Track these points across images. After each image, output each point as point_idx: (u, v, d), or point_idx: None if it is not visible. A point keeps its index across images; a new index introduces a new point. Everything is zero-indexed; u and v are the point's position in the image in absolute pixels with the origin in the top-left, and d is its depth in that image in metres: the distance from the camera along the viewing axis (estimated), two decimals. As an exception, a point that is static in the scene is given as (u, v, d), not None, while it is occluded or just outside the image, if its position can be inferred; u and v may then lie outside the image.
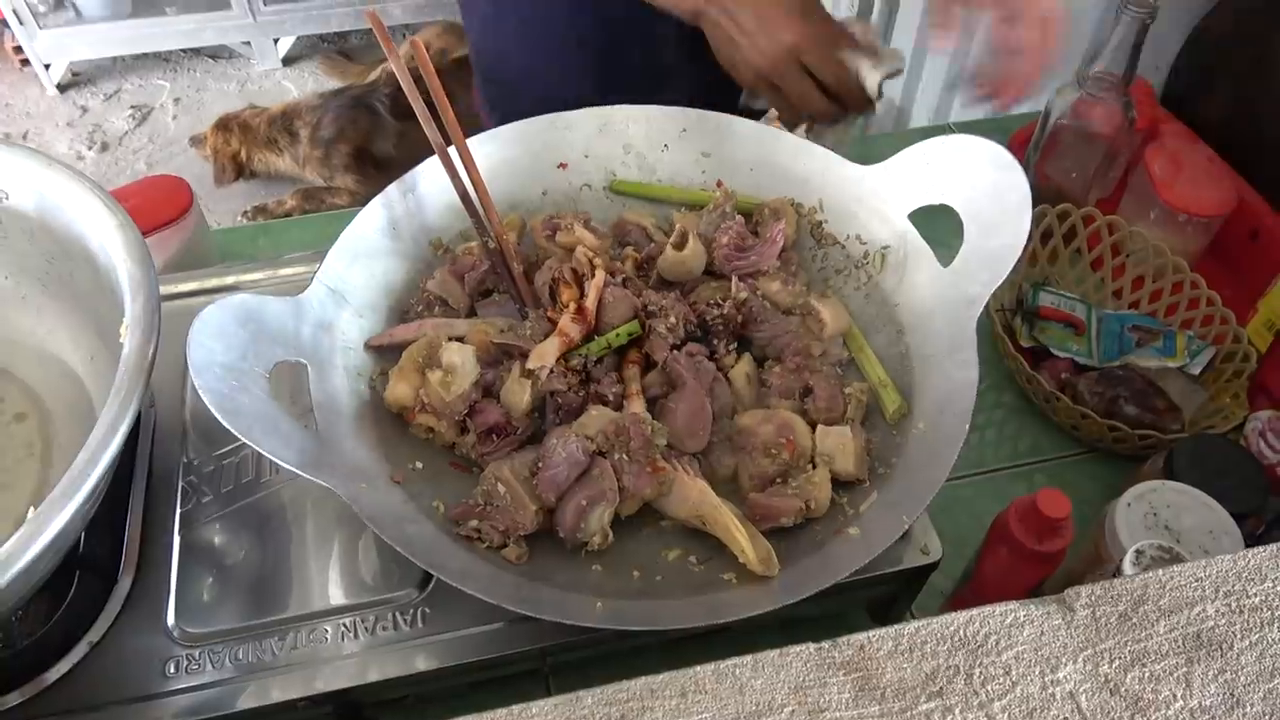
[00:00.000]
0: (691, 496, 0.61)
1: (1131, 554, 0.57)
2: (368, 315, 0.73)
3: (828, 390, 0.68)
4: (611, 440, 0.63)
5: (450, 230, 0.80)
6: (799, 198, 0.81)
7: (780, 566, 0.60)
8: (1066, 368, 0.95)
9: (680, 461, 0.63)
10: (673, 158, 0.84)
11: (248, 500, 0.71)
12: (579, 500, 0.61)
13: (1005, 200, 0.67)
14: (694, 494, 0.61)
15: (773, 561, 0.58)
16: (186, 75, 3.05)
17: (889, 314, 0.75)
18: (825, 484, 0.63)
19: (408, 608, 0.64)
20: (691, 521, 0.62)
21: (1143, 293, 1.02)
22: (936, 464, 0.61)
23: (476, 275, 0.74)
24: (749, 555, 0.57)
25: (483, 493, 0.63)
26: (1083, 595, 0.41)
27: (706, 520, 0.60)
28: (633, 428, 0.63)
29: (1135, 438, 0.86)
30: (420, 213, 0.78)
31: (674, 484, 0.62)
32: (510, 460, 0.65)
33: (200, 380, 0.57)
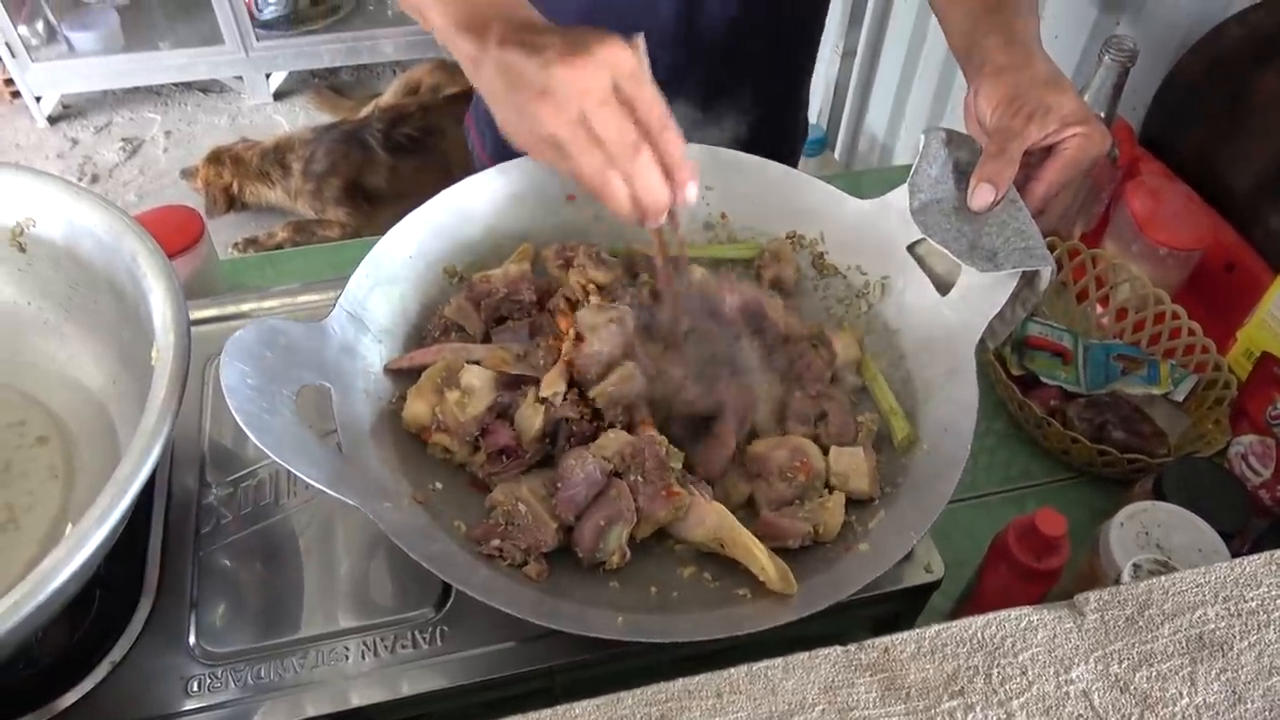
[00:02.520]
0: (709, 519, 0.63)
1: (1129, 568, 0.60)
2: (386, 340, 0.75)
3: (841, 416, 0.70)
4: (628, 461, 0.65)
5: (464, 258, 0.82)
6: (801, 229, 0.84)
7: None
8: (1055, 395, 0.98)
9: (696, 486, 0.65)
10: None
11: (266, 523, 0.72)
12: (597, 520, 0.62)
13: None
14: (711, 517, 0.63)
15: (791, 580, 0.60)
16: (178, 109, 3.07)
17: (890, 340, 0.78)
18: (838, 510, 0.65)
19: (425, 626, 0.65)
20: (709, 545, 0.63)
21: (1127, 323, 1.05)
22: (941, 483, 0.64)
23: (492, 302, 0.76)
24: (770, 573, 0.59)
25: (504, 513, 0.64)
26: (1091, 600, 0.43)
27: (725, 542, 0.62)
28: (648, 449, 0.65)
29: (1124, 461, 0.88)
30: (436, 241, 0.80)
31: (690, 508, 0.63)
32: (525, 481, 0.67)
33: (234, 401, 0.58)
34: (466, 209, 0.82)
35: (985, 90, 0.72)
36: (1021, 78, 0.71)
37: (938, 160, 0.74)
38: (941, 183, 0.74)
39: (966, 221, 0.72)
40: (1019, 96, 0.70)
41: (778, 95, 1.10)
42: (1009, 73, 0.71)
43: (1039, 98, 0.69)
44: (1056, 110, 0.69)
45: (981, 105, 0.72)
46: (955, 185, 0.74)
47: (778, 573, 0.59)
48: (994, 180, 0.70)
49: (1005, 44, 0.73)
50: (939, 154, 0.74)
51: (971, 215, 0.71)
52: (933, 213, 0.74)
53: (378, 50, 3.00)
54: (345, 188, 2.41)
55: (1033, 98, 0.70)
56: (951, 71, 1.95)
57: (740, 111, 1.03)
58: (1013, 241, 0.69)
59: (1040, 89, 0.70)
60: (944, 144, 0.74)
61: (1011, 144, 0.69)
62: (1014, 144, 0.69)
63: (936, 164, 0.74)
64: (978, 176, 0.70)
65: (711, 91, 1.01)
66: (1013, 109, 0.70)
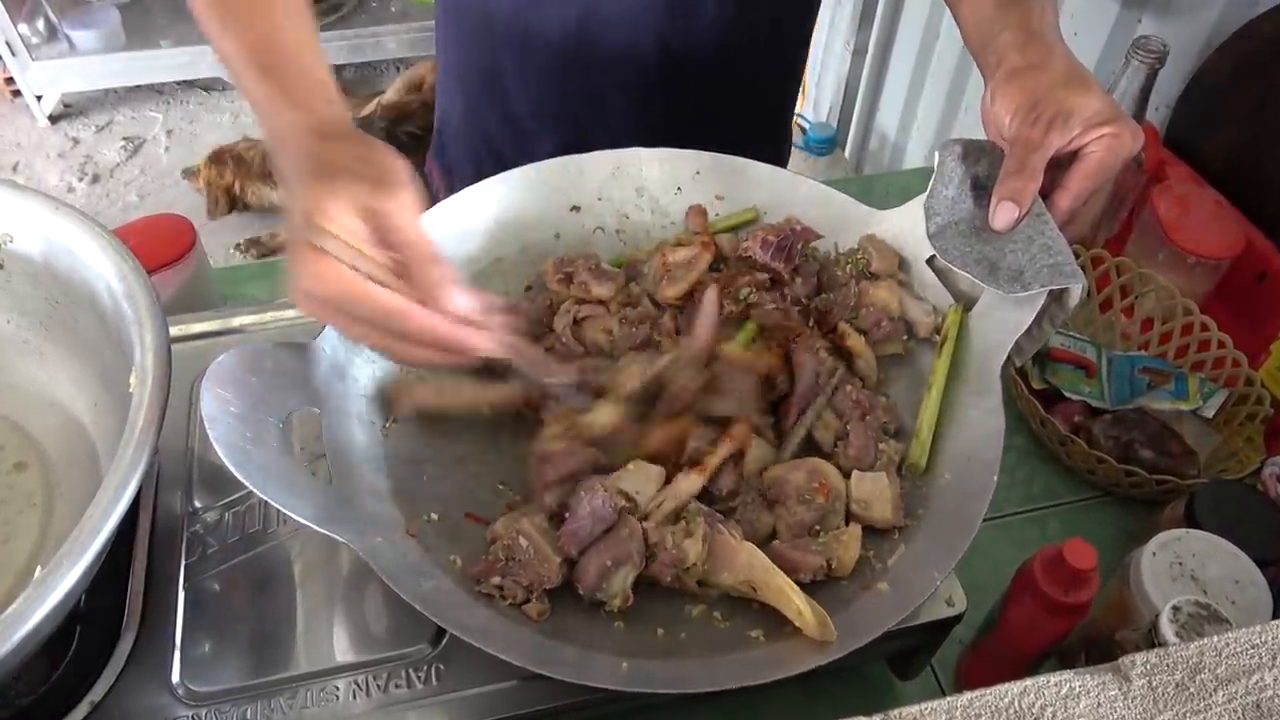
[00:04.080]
0: (739, 561, 0.59)
1: (1168, 611, 0.56)
2: (380, 362, 0.71)
3: (862, 440, 0.67)
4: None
5: (464, 273, 0.79)
6: (815, 243, 0.80)
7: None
8: (1079, 410, 0.95)
9: (726, 525, 0.61)
10: (686, 200, 0.83)
11: (255, 551, 0.69)
12: (603, 560, 0.59)
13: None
14: (741, 557, 0.59)
15: (830, 626, 0.55)
16: (179, 107, 3.05)
17: (903, 365, 0.74)
18: (854, 544, 0.61)
19: (420, 664, 0.62)
20: (740, 589, 0.59)
21: (1152, 334, 1.02)
22: (965, 517, 0.60)
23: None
24: (807, 619, 0.55)
25: (504, 548, 0.61)
26: (1138, 664, 0.40)
27: (757, 585, 0.58)
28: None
29: (1153, 482, 0.85)
30: (450, 249, 0.77)
31: (716, 549, 0.60)
32: (527, 513, 0.63)
33: (214, 432, 0.55)
34: (465, 221, 0.79)
35: (1002, 94, 0.67)
36: (1040, 79, 0.66)
37: (953, 179, 0.70)
38: (960, 202, 0.70)
39: (988, 241, 0.68)
40: (1039, 101, 0.65)
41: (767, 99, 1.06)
42: (1027, 74, 0.67)
43: (1060, 101, 0.65)
44: (1079, 112, 0.64)
45: (999, 111, 0.68)
46: (975, 203, 0.70)
47: (816, 619, 0.55)
48: (1016, 198, 0.65)
49: (1022, 41, 0.68)
50: (954, 171, 0.70)
51: (994, 234, 0.67)
52: (951, 235, 0.70)
53: (381, 47, 2.96)
54: None
55: (1053, 101, 0.65)
56: (966, 68, 1.90)
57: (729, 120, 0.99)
58: (1039, 258, 0.65)
59: (1061, 90, 0.65)
60: (959, 159, 0.70)
61: (1033, 156, 0.65)
62: (1035, 156, 0.65)
63: (953, 183, 0.70)
64: (998, 195, 0.66)
65: (698, 104, 0.97)
66: (1032, 116, 0.65)
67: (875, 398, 0.69)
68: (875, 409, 0.68)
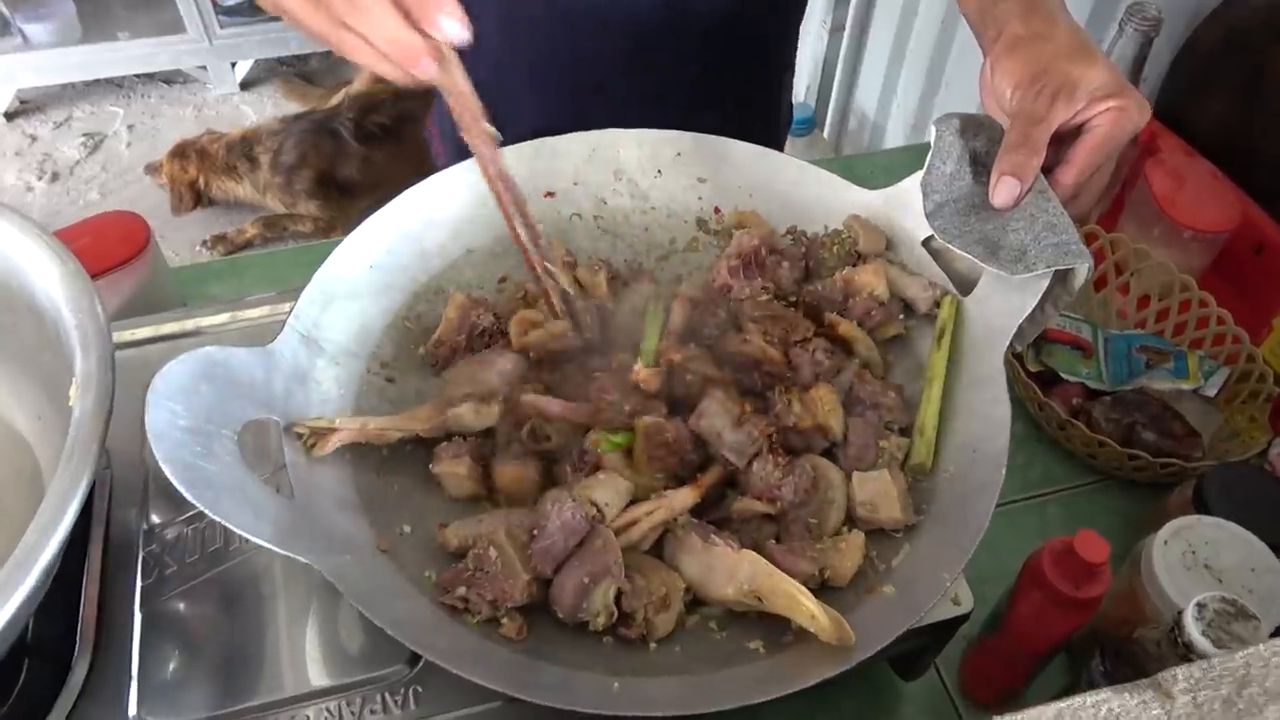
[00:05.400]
0: (740, 571, 0.55)
1: (1193, 609, 0.53)
2: (347, 363, 0.68)
3: (863, 438, 0.63)
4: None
5: (433, 266, 0.75)
6: (802, 224, 0.77)
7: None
8: (1078, 393, 0.92)
9: (721, 536, 0.57)
10: (666, 184, 0.80)
11: (217, 570, 0.64)
12: (579, 577, 0.55)
13: (1030, 224, 0.63)
14: (743, 567, 0.55)
15: (847, 628, 0.51)
16: (140, 101, 2.96)
17: (906, 348, 0.71)
18: (854, 553, 0.58)
19: (397, 687, 0.58)
20: (745, 602, 0.55)
21: (1149, 312, 0.99)
22: (972, 513, 0.57)
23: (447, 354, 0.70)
24: (821, 623, 0.51)
25: (474, 557, 0.57)
26: (1180, 679, 0.36)
27: (763, 594, 0.54)
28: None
29: (1157, 466, 0.82)
30: (402, 248, 0.73)
31: (715, 563, 0.56)
32: (510, 518, 0.60)
33: (160, 449, 0.51)
34: (433, 211, 0.75)
35: (1003, 66, 0.64)
36: (1044, 50, 0.63)
37: (951, 154, 0.66)
38: (958, 179, 0.67)
39: (989, 220, 0.64)
40: (1042, 73, 0.62)
41: (763, 77, 1.02)
42: (1029, 45, 0.63)
43: (1064, 72, 0.61)
44: (1085, 84, 0.61)
45: (1000, 83, 0.64)
46: (974, 180, 0.67)
47: (831, 622, 0.51)
48: (1018, 173, 0.62)
49: (1024, 10, 0.65)
50: (952, 146, 0.66)
51: (994, 212, 0.64)
52: (950, 214, 0.66)
53: (347, 36, 2.88)
54: (316, 180, 2.32)
55: (1057, 73, 0.61)
56: (945, 44, 1.87)
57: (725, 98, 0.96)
58: (1044, 237, 0.61)
59: (1065, 62, 0.62)
60: (957, 133, 0.66)
61: (1035, 130, 0.61)
62: (1038, 130, 0.61)
63: (950, 159, 0.66)
64: (999, 170, 0.62)
65: (696, 78, 0.93)
66: (1035, 88, 0.62)
67: (886, 392, 0.65)
68: (882, 405, 0.64)
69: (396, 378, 0.70)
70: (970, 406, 0.64)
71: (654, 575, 0.56)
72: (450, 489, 0.64)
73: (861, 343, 0.68)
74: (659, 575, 0.56)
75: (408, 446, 0.65)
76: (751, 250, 0.72)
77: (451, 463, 0.63)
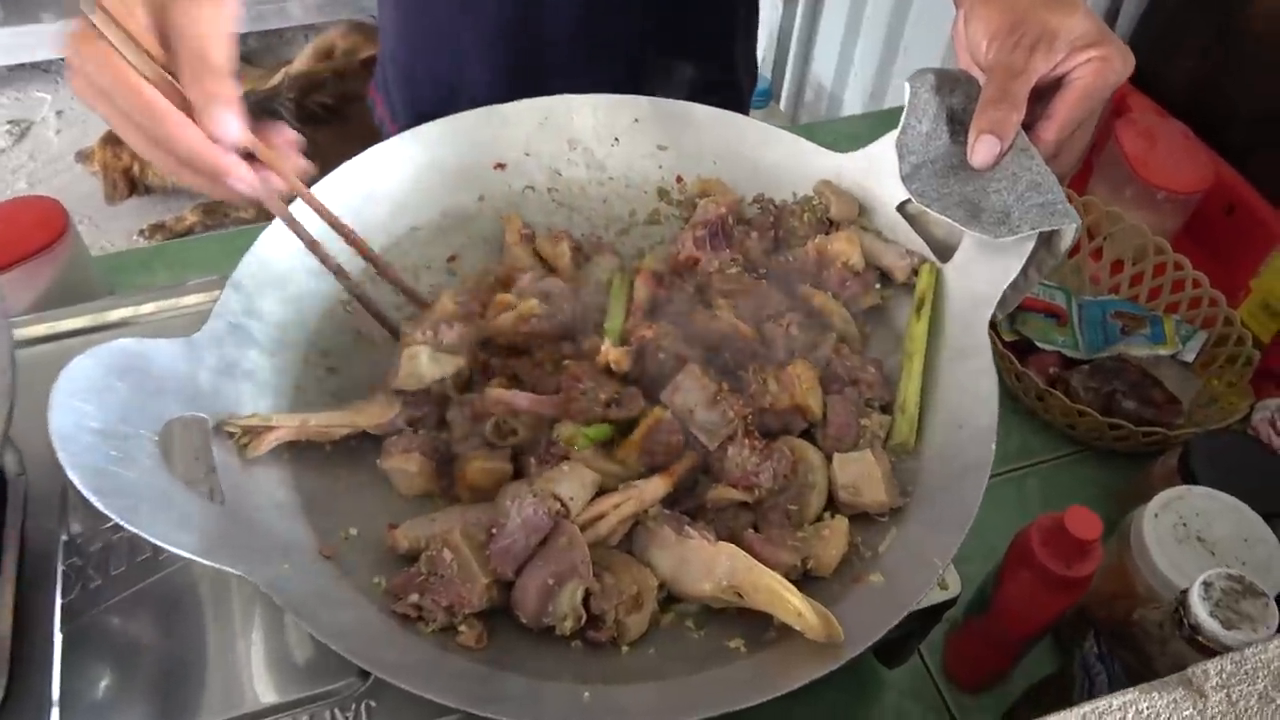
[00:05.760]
0: (718, 566, 0.51)
1: (1199, 589, 0.50)
2: (281, 353, 0.62)
3: (842, 417, 0.59)
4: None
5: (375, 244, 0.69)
6: (769, 192, 0.73)
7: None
8: (1054, 362, 0.90)
9: (696, 527, 0.53)
10: (625, 152, 0.75)
11: (148, 581, 0.59)
12: (543, 578, 0.51)
13: (1010, 185, 0.60)
14: (721, 561, 0.51)
15: (836, 625, 0.48)
16: (69, 85, 2.83)
17: (884, 319, 0.68)
18: (838, 540, 0.54)
19: (348, 702, 0.54)
20: (723, 598, 0.51)
21: (1123, 277, 0.97)
22: (962, 495, 0.54)
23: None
24: (808, 620, 0.48)
25: (426, 560, 0.53)
26: (1211, 675, 0.33)
27: (743, 590, 0.50)
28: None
29: (1139, 435, 0.80)
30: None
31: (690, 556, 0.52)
32: (468, 514, 0.56)
33: (66, 453, 0.45)
34: (373, 184, 0.70)
35: (978, 16, 0.60)
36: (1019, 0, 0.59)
37: (927, 112, 0.63)
38: (934, 139, 0.63)
39: (969, 181, 0.61)
40: (1019, 23, 0.58)
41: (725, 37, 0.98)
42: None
43: (1042, 22, 0.58)
44: (1065, 33, 0.58)
45: (975, 35, 0.61)
46: (951, 139, 0.63)
47: (819, 619, 0.48)
48: (997, 130, 0.58)
49: None
50: (928, 104, 0.63)
51: (974, 173, 0.60)
52: (927, 176, 0.63)
53: (285, 14, 2.78)
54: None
55: (1035, 23, 0.58)
56: (904, 10, 1.83)
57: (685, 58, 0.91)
58: (1028, 197, 0.58)
59: (1043, 10, 0.58)
60: (933, 90, 0.63)
61: (1014, 84, 0.58)
62: (1017, 83, 0.58)
63: (926, 117, 0.63)
64: (977, 127, 0.59)
65: (651, 36, 0.89)
66: (1012, 39, 0.58)
67: (864, 367, 0.62)
68: (861, 381, 0.61)
69: (339, 367, 0.65)
70: (954, 380, 0.61)
71: (624, 572, 0.53)
72: (400, 486, 0.60)
73: (837, 315, 0.65)
74: (630, 572, 0.53)
75: (353, 442, 0.61)
76: (718, 219, 0.68)
77: (401, 458, 0.58)
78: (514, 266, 0.70)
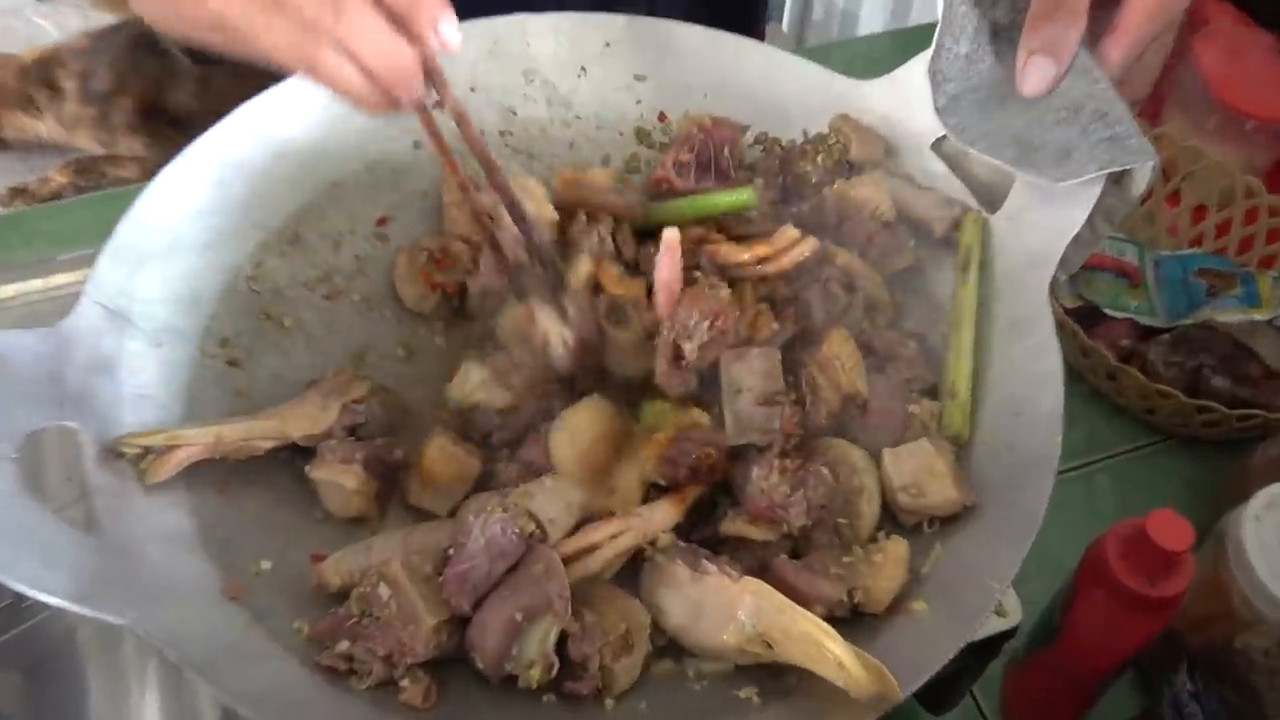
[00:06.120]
0: (741, 609, 0.50)
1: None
2: (169, 343, 0.62)
3: (887, 402, 0.60)
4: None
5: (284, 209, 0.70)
6: (776, 131, 0.74)
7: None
8: (1127, 332, 0.90)
9: (717, 563, 0.52)
10: (594, 85, 0.76)
11: (13, 633, 0.62)
12: (509, 613, 0.50)
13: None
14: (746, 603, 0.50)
15: (889, 678, 0.47)
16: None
17: (920, 284, 0.69)
18: (895, 567, 0.54)
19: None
20: (749, 653, 0.51)
21: (1206, 225, 0.98)
22: (1023, 497, 0.55)
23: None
24: (852, 673, 0.47)
25: (359, 598, 0.53)
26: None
27: (774, 639, 0.50)
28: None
29: (1233, 419, 0.80)
30: (239, 184, 0.68)
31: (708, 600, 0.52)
32: (410, 541, 0.56)
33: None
34: (280, 132, 0.70)
35: None
36: None
37: (966, 30, 0.63)
38: (976, 62, 0.64)
39: (1019, 112, 0.62)
40: None
41: None
42: None
43: None
44: None
45: None
46: (996, 62, 0.64)
47: (868, 672, 0.47)
48: (1052, 50, 0.58)
49: None
50: (967, 19, 0.63)
51: (1025, 102, 0.61)
52: (968, 107, 0.64)
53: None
54: (140, 110, 2.25)
55: None
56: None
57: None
58: (1093, 130, 0.59)
59: None
60: (971, 3, 0.64)
61: None
62: None
63: (965, 36, 0.64)
64: (1028, 47, 0.59)
65: None
66: None
67: (902, 341, 0.63)
68: (900, 358, 0.62)
69: (243, 360, 0.65)
70: (1009, 357, 0.62)
71: (609, 608, 0.53)
72: (330, 504, 0.60)
73: (864, 277, 0.66)
74: (616, 607, 0.53)
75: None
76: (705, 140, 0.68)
77: (338, 468, 0.58)
78: (456, 235, 0.70)
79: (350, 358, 0.67)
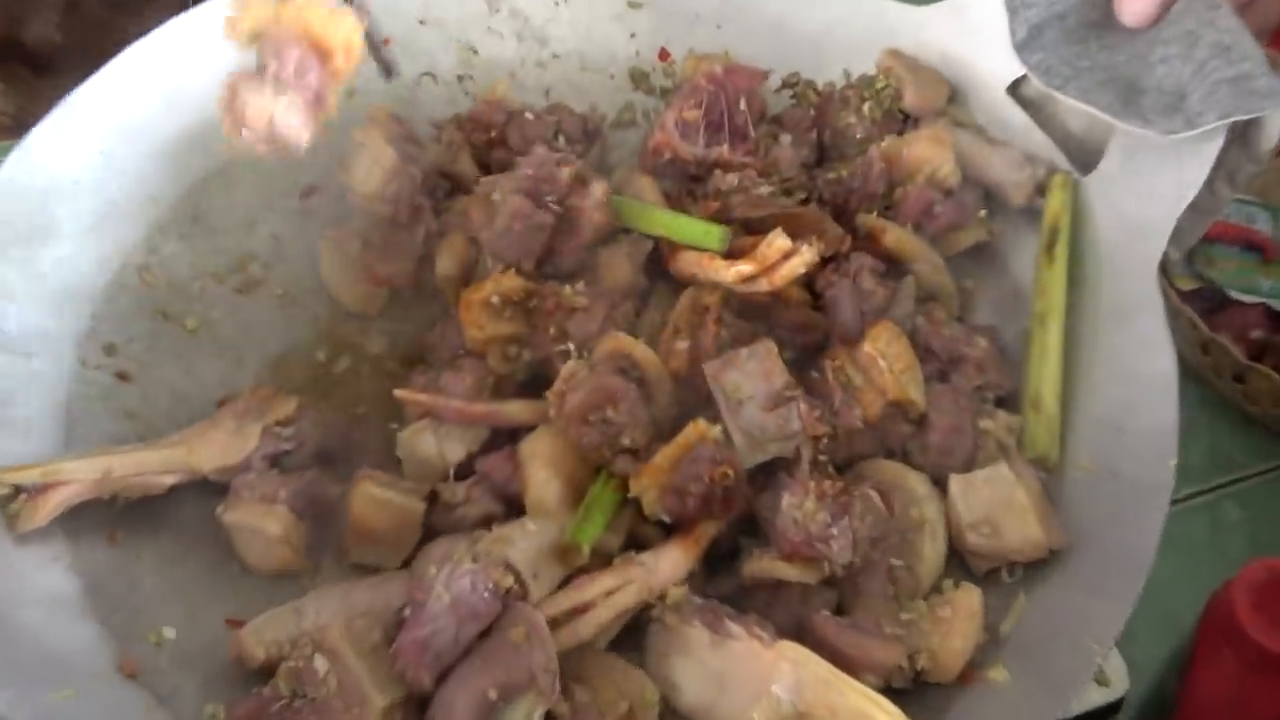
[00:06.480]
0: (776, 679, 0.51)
1: None
2: (40, 351, 0.64)
3: (951, 417, 0.61)
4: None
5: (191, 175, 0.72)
6: (809, 72, 0.76)
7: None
8: (1258, 320, 0.91)
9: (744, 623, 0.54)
10: (576, 16, 0.79)
11: None
12: (479, 689, 0.52)
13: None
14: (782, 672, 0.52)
15: None
16: None
17: (994, 264, 0.70)
18: (967, 623, 0.55)
19: None
20: None
21: (1357, 184, 0.99)
22: (1128, 534, 0.57)
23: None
24: None
25: (289, 674, 0.54)
26: None
27: (818, 719, 0.51)
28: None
29: (1396, 432, 0.82)
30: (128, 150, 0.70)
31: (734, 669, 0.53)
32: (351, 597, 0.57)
33: None
34: (172, 81, 0.71)
35: None
36: None
37: None
38: None
39: (1118, 47, 0.64)
40: None
41: None
42: None
43: None
44: None
45: None
46: None
47: None
48: None
49: None
50: None
51: (1125, 34, 0.63)
52: (1053, 40, 0.65)
53: None
54: None
55: None
56: None
57: None
58: (1211, 69, 0.61)
59: None
60: None
61: None
62: None
63: None
64: None
65: None
66: None
67: (969, 338, 0.64)
68: (967, 360, 0.62)
69: (134, 372, 0.67)
70: (1109, 356, 0.63)
71: (607, 683, 0.54)
72: (249, 555, 0.61)
73: (921, 260, 0.67)
74: (615, 682, 0.54)
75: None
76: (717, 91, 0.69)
77: (257, 509, 0.59)
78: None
79: (271, 367, 0.68)
